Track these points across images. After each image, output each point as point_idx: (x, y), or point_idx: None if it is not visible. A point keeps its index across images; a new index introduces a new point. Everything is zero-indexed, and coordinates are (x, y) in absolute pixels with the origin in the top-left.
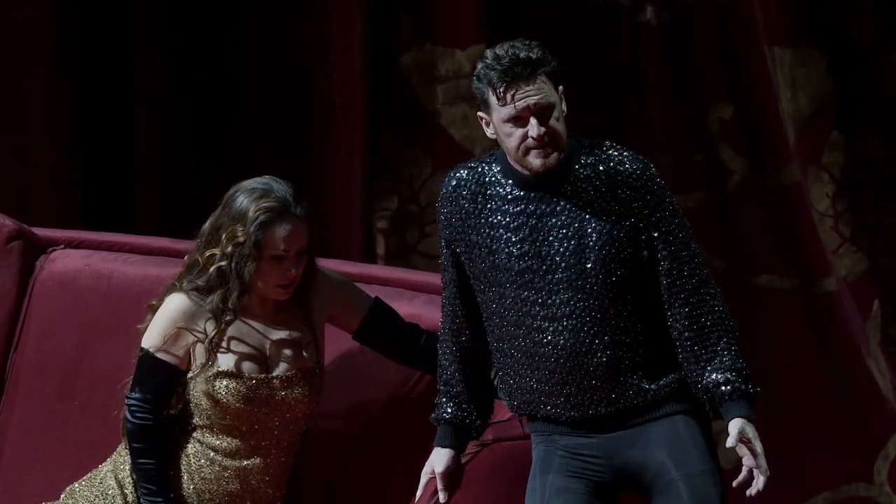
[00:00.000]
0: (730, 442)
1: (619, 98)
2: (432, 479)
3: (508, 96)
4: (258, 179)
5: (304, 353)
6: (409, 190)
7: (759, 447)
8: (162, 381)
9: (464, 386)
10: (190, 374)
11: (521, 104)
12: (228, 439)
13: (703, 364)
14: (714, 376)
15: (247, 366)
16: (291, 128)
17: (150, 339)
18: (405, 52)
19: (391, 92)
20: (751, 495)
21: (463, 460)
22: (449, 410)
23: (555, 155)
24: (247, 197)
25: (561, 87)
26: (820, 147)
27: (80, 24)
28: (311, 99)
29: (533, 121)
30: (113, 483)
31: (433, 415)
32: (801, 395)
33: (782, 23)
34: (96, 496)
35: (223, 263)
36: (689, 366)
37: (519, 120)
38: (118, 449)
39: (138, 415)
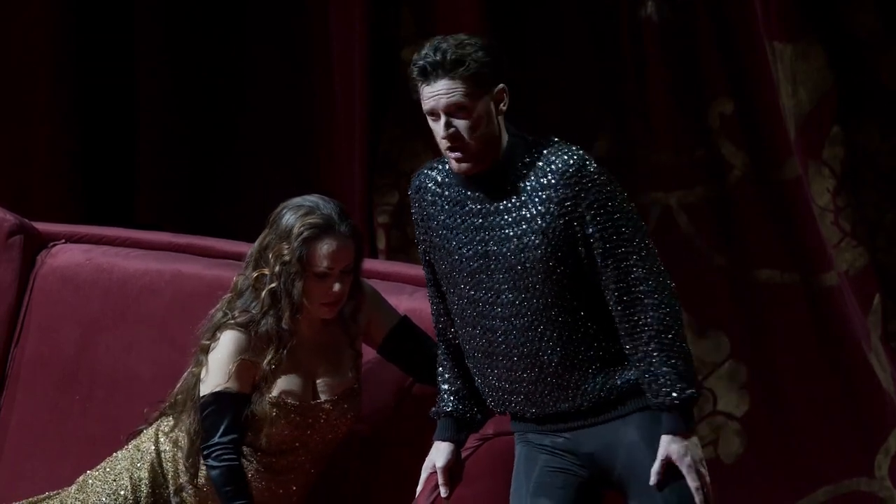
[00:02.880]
0: (652, 478)
1: (620, 93)
2: (433, 474)
3: (423, 91)
4: (306, 197)
5: (349, 373)
6: (409, 184)
7: (685, 464)
8: (237, 414)
9: (461, 382)
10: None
11: (431, 101)
12: (265, 454)
13: (636, 364)
14: (643, 379)
15: (297, 392)
16: (292, 122)
17: (213, 380)
18: (406, 46)
19: (392, 87)
20: None
21: (464, 454)
22: (450, 404)
23: (467, 163)
24: (292, 214)
25: (501, 86)
26: (820, 142)
27: (81, 21)
28: (311, 94)
29: (442, 120)
30: (126, 483)
31: (433, 409)
32: (801, 390)
33: (782, 18)
34: (108, 494)
35: (274, 285)
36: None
37: (433, 115)
38: (136, 443)
39: (225, 457)
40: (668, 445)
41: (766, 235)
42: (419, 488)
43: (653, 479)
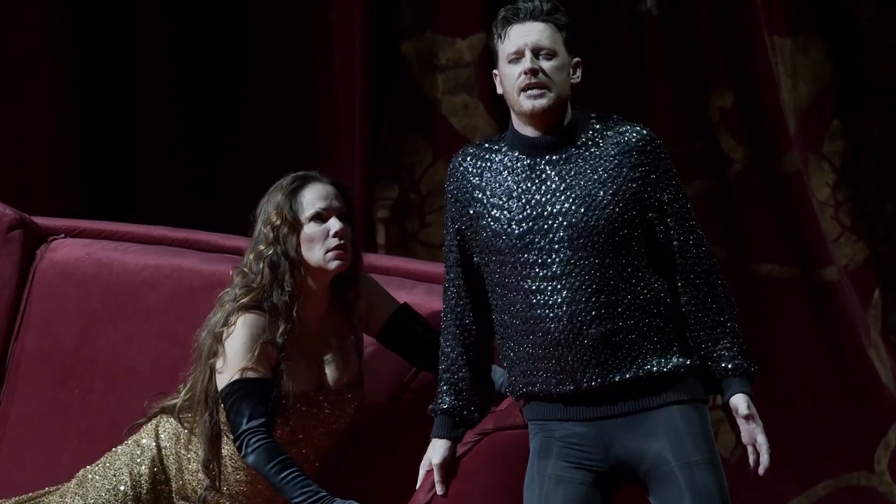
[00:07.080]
0: (742, 410)
1: (620, 86)
2: (431, 471)
3: (510, 32)
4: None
5: (352, 362)
6: (409, 179)
7: (760, 423)
8: (262, 399)
9: (466, 370)
10: None
11: (519, 41)
12: None
13: (707, 334)
14: (719, 351)
15: (302, 384)
16: (292, 116)
17: (234, 365)
18: (406, 40)
19: (392, 81)
20: (761, 474)
21: (463, 449)
22: (447, 400)
23: (546, 99)
24: (275, 188)
25: (577, 59)
26: (820, 136)
27: (81, 21)
28: (312, 88)
29: (528, 54)
30: (126, 478)
31: (431, 406)
32: (801, 384)
33: (783, 11)
34: (108, 489)
35: (270, 251)
36: (695, 335)
37: (517, 55)
38: (136, 438)
39: (254, 441)
40: (748, 401)
41: (766, 229)
42: (418, 485)
43: (744, 411)
